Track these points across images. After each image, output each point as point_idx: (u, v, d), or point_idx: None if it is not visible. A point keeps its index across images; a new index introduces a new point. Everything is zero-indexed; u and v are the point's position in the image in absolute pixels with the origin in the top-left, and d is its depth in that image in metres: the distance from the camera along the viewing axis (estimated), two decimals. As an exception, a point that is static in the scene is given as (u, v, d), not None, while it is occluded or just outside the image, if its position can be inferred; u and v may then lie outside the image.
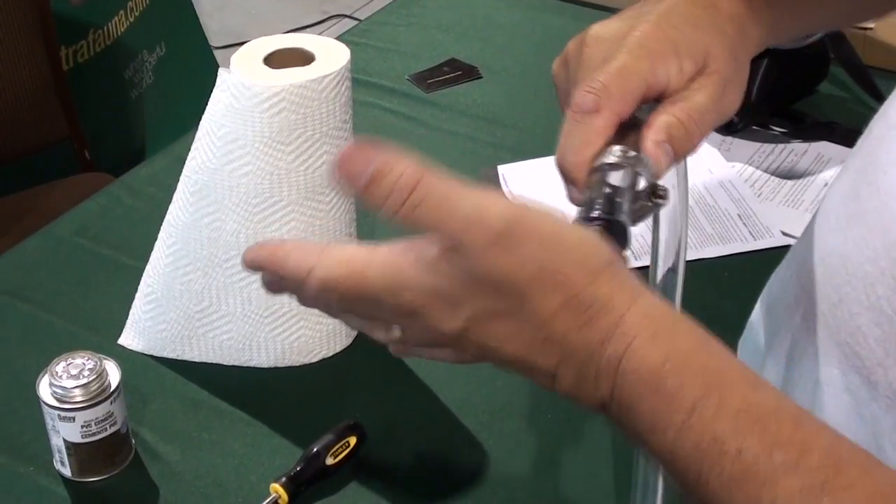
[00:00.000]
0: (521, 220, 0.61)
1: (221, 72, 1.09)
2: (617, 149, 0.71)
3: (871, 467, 0.56)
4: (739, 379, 0.59)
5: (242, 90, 1.07)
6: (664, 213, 0.79)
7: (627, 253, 0.67)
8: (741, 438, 0.56)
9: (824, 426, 0.59)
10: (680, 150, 0.73)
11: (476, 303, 0.61)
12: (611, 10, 0.92)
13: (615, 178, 0.69)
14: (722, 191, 1.47)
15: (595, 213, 0.67)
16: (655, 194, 0.70)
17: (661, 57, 0.74)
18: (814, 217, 0.80)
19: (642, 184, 0.70)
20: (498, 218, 0.61)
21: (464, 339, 0.62)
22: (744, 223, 1.41)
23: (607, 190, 0.68)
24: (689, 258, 1.35)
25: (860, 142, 0.77)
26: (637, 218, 0.71)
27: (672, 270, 0.79)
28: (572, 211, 0.72)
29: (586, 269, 0.60)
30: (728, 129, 1.57)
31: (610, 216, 0.67)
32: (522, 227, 0.61)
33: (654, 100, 0.75)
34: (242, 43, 1.14)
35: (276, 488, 1.05)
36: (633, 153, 0.70)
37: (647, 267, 0.85)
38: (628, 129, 0.74)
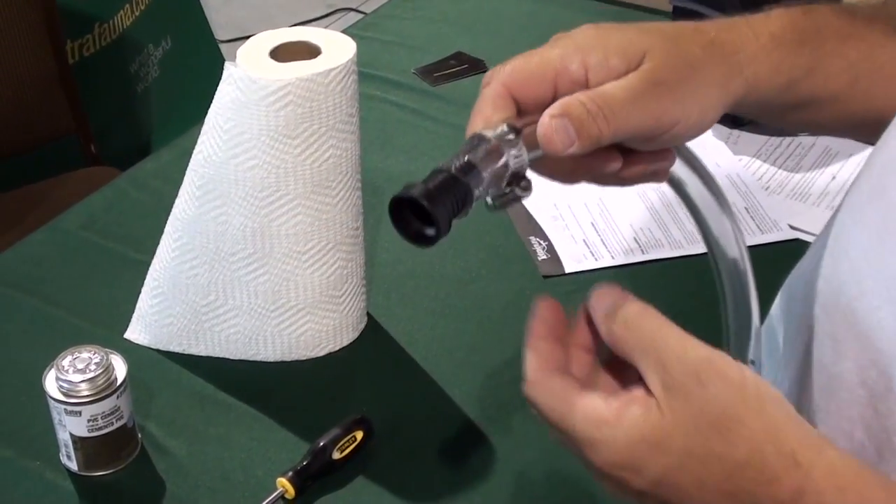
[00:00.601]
0: (712, 359, 0.65)
1: (227, 65, 1.09)
2: (503, 125, 0.70)
3: None
4: None
5: (248, 84, 1.07)
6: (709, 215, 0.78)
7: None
8: None
9: None
10: (582, 132, 0.69)
11: (669, 457, 0.64)
12: (618, 2, 0.92)
13: (482, 150, 0.68)
14: (729, 184, 1.46)
15: (442, 165, 0.67)
16: (518, 183, 0.69)
17: (582, 49, 0.73)
18: (837, 210, 0.80)
19: (510, 166, 0.69)
20: (696, 355, 0.65)
21: (653, 492, 0.66)
22: (751, 216, 1.41)
23: (467, 157, 0.67)
24: (695, 252, 1.36)
25: (884, 136, 0.76)
26: (502, 202, 0.70)
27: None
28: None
29: (768, 420, 0.63)
30: (735, 122, 1.56)
31: (456, 174, 0.66)
32: (713, 366, 0.65)
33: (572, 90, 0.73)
34: (248, 37, 1.14)
35: (283, 482, 1.04)
36: (511, 135, 0.69)
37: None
38: None
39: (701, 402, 0.64)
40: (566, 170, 0.75)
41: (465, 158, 0.68)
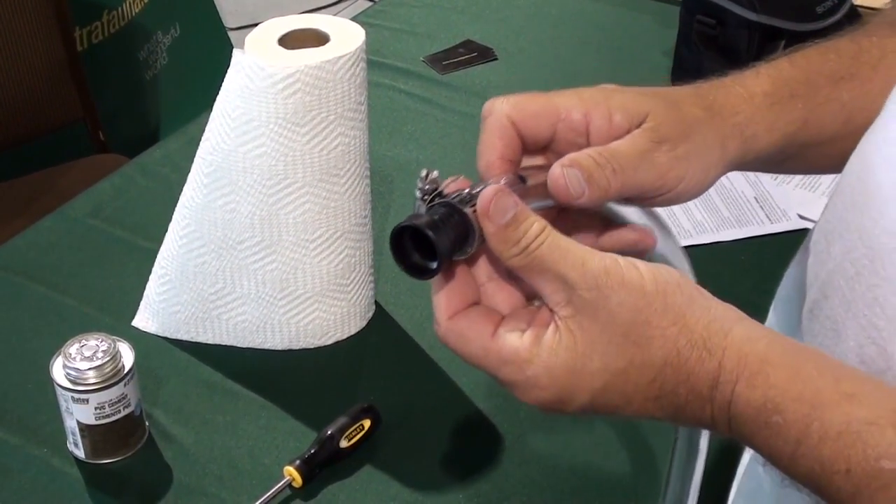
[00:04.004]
0: (609, 269, 0.65)
1: (236, 53, 1.09)
2: (510, 174, 0.71)
3: None
4: (833, 394, 0.61)
5: (257, 71, 1.06)
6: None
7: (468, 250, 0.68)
8: (847, 459, 0.59)
9: None
10: (592, 183, 0.71)
11: (592, 382, 0.65)
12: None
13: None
14: (738, 174, 1.46)
15: (448, 200, 0.67)
16: (461, 244, 0.68)
17: (586, 102, 0.75)
18: (832, 194, 0.80)
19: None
20: (594, 267, 0.65)
21: (584, 413, 0.68)
22: (760, 206, 1.41)
23: (458, 200, 0.67)
24: (706, 241, 1.35)
25: (876, 119, 0.76)
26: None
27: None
28: None
29: (674, 313, 0.64)
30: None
31: (461, 209, 0.67)
32: (611, 276, 0.65)
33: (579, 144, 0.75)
34: (257, 24, 1.13)
35: (290, 471, 1.04)
36: (476, 190, 0.69)
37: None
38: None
39: (607, 314, 0.64)
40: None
41: (470, 195, 0.67)
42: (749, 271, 1.30)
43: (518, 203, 0.66)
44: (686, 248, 1.35)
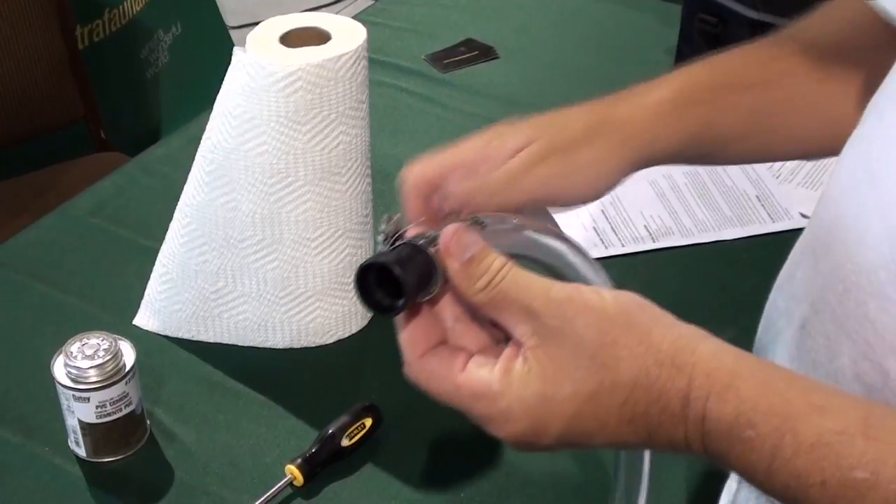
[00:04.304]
0: (572, 296, 0.66)
1: (237, 51, 1.09)
2: (472, 218, 0.73)
3: None
4: (804, 407, 0.62)
5: (258, 69, 1.06)
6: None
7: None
8: (821, 471, 0.60)
9: (891, 418, 0.62)
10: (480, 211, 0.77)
11: (565, 409, 0.65)
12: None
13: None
14: (740, 172, 1.46)
15: (411, 241, 0.69)
16: (425, 284, 0.69)
17: (487, 142, 0.86)
18: (815, 210, 0.80)
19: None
20: (557, 296, 0.66)
21: (560, 444, 0.68)
22: (762, 205, 1.40)
23: (422, 241, 0.69)
24: (707, 240, 1.35)
25: (857, 129, 0.76)
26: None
27: None
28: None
29: (639, 332, 0.65)
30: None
31: (425, 249, 0.68)
32: (573, 302, 0.66)
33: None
34: (258, 23, 1.13)
35: (292, 469, 1.04)
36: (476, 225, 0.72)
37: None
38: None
39: (573, 339, 0.65)
40: None
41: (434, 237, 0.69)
42: (751, 270, 1.30)
43: (479, 241, 0.68)
44: (687, 246, 1.36)
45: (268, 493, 1.03)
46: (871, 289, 0.69)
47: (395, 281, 0.66)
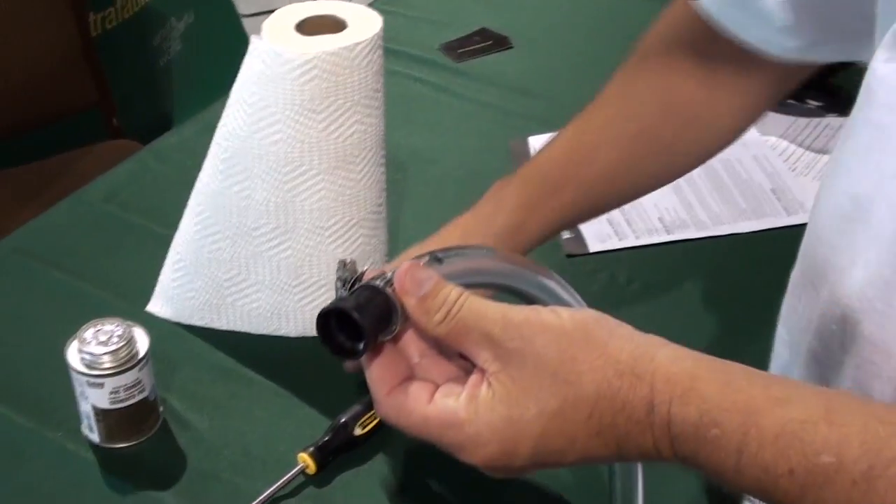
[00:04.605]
0: (529, 317, 0.68)
1: (253, 39, 1.08)
2: (427, 256, 0.74)
3: None
4: (766, 401, 0.63)
5: (274, 57, 1.06)
6: None
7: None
8: (788, 459, 0.61)
9: (851, 403, 0.63)
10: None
11: (533, 429, 0.66)
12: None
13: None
14: (756, 165, 1.45)
15: (369, 283, 0.71)
16: (385, 324, 0.70)
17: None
18: (804, 242, 0.81)
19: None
20: (515, 319, 0.68)
21: (533, 465, 0.69)
22: (777, 198, 1.40)
23: (380, 282, 0.70)
24: (722, 233, 1.35)
25: (834, 154, 0.78)
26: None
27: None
28: None
29: (597, 346, 0.66)
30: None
31: (384, 290, 0.69)
32: (530, 323, 0.67)
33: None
34: (271, 11, 1.13)
35: (304, 457, 1.04)
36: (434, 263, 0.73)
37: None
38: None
39: (534, 359, 0.66)
40: None
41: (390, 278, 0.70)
42: (766, 264, 1.29)
43: (433, 275, 0.69)
44: (702, 239, 1.35)
45: (280, 481, 1.03)
46: (862, 306, 0.71)
47: (355, 324, 0.67)
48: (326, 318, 0.69)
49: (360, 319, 0.67)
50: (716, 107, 1.02)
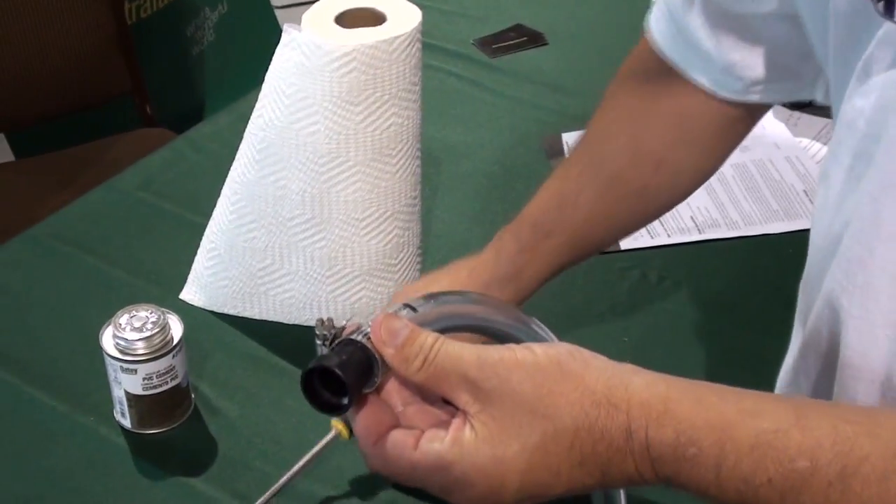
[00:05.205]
0: (503, 356, 0.69)
1: (289, 29, 1.09)
2: (400, 305, 0.75)
3: (874, 427, 0.62)
4: (738, 414, 0.65)
5: (313, 49, 1.07)
6: None
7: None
8: (765, 469, 0.63)
9: (819, 408, 0.65)
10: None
11: (517, 465, 0.68)
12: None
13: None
14: (788, 165, 1.45)
15: (351, 338, 0.73)
16: (367, 376, 0.72)
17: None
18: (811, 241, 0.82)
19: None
20: (490, 359, 0.69)
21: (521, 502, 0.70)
22: (810, 200, 1.40)
23: (359, 336, 0.73)
24: (753, 233, 1.35)
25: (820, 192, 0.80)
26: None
27: None
28: None
29: (572, 378, 0.67)
30: (796, 104, 1.55)
31: (365, 345, 0.72)
32: (504, 361, 0.69)
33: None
34: (303, 3, 1.14)
35: (337, 424, 1.03)
36: (404, 310, 0.75)
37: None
38: None
39: (511, 397, 0.67)
40: None
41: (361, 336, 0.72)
42: (796, 265, 1.29)
43: (407, 324, 0.72)
44: (733, 239, 1.35)
45: (315, 448, 1.01)
46: (860, 314, 0.72)
47: (339, 380, 0.70)
48: (310, 377, 0.71)
49: (343, 376, 0.69)
50: (683, 149, 1.04)
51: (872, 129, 0.70)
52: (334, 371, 0.69)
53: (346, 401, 0.70)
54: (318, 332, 0.74)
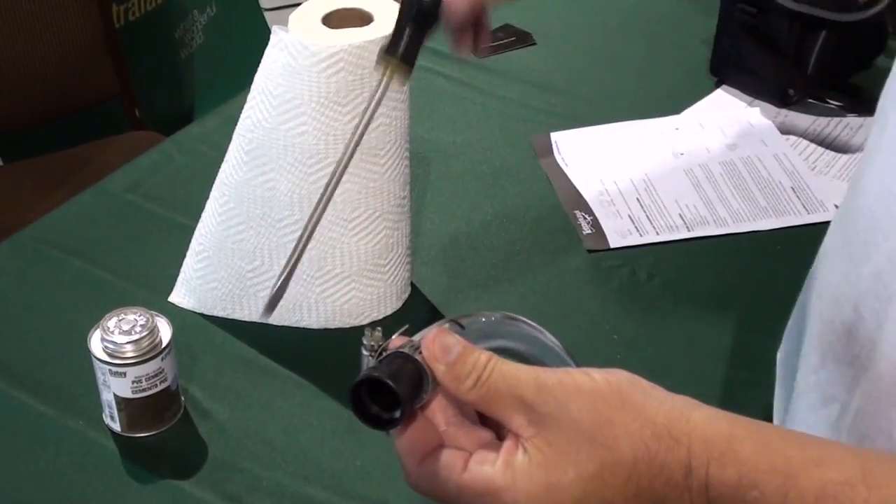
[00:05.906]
0: (562, 380, 0.67)
1: (277, 30, 1.09)
2: (447, 321, 0.74)
3: None
4: (803, 462, 0.63)
5: (300, 49, 1.07)
6: None
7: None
8: None
9: (885, 464, 0.63)
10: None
11: (572, 493, 0.66)
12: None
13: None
14: (776, 163, 1.45)
15: (398, 352, 0.70)
16: (417, 391, 0.70)
17: None
18: (842, 215, 0.81)
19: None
20: (548, 382, 0.67)
21: None
22: (797, 196, 1.40)
23: (409, 349, 0.70)
24: (741, 230, 1.35)
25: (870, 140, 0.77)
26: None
27: None
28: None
29: (633, 408, 0.66)
30: (784, 101, 1.55)
31: (415, 358, 0.69)
32: (564, 386, 0.67)
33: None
34: (293, 5, 1.14)
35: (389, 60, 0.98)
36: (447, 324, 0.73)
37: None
38: None
39: (569, 423, 0.65)
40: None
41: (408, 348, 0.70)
42: (785, 261, 1.30)
43: (460, 340, 0.69)
44: (722, 236, 1.35)
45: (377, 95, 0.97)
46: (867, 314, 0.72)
47: (390, 393, 0.67)
48: (359, 389, 0.68)
49: (397, 388, 0.66)
50: None
51: None
52: (388, 384, 0.67)
53: (397, 414, 0.68)
54: (365, 343, 0.72)
